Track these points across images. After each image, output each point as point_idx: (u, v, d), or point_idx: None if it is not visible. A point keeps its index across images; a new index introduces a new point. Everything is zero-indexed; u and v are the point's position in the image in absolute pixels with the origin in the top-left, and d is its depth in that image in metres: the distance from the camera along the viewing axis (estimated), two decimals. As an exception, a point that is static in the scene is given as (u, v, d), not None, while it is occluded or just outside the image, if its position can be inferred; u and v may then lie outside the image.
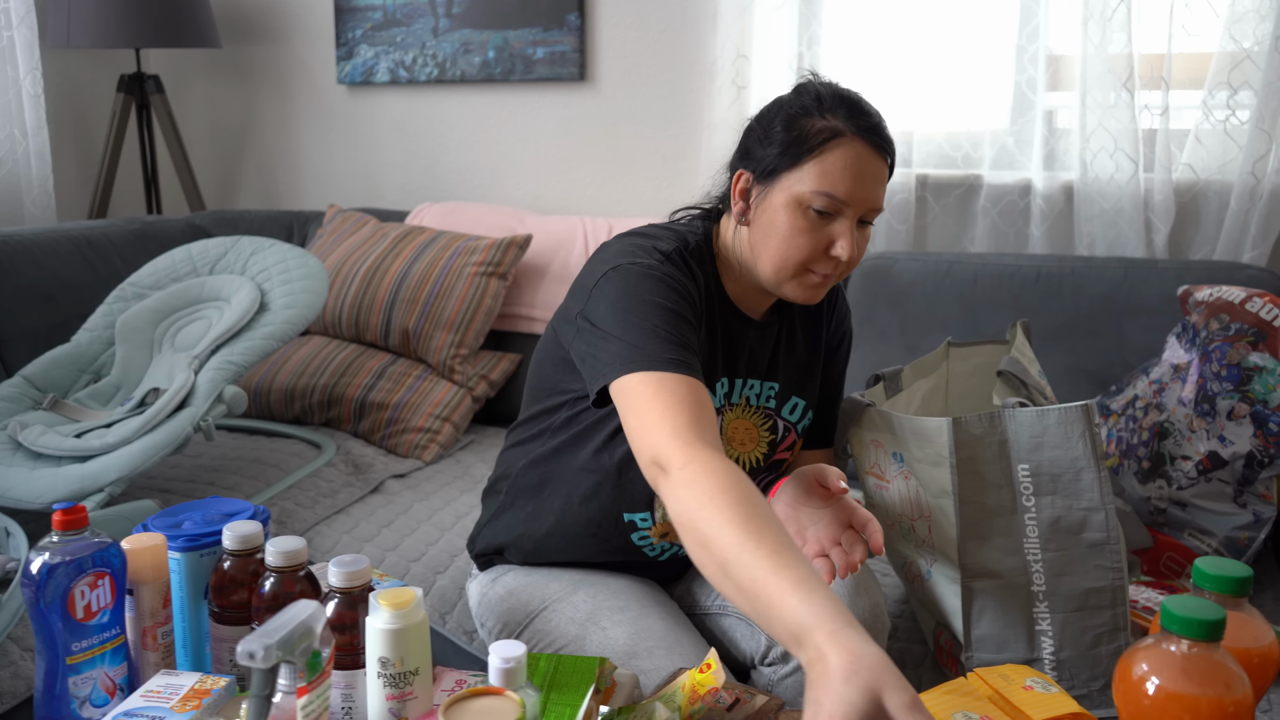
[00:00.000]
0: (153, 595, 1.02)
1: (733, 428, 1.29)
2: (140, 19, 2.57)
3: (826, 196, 1.15)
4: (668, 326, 1.10)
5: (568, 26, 2.52)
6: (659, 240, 1.21)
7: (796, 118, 1.17)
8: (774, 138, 1.18)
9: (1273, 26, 1.86)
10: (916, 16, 2.15)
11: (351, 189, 2.91)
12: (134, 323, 1.89)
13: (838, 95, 1.18)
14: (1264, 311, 1.52)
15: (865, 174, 1.15)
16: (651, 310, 1.11)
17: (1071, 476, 1.21)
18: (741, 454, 1.30)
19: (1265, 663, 0.80)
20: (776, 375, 1.32)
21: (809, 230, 1.16)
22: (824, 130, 1.15)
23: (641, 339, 1.08)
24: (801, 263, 1.18)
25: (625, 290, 1.13)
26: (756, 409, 1.31)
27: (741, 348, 1.28)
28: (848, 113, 1.16)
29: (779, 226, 1.17)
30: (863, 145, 1.15)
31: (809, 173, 1.15)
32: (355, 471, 1.95)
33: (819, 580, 0.84)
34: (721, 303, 1.26)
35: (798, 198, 1.16)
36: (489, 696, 0.81)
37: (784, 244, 1.17)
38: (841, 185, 1.15)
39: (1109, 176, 2.02)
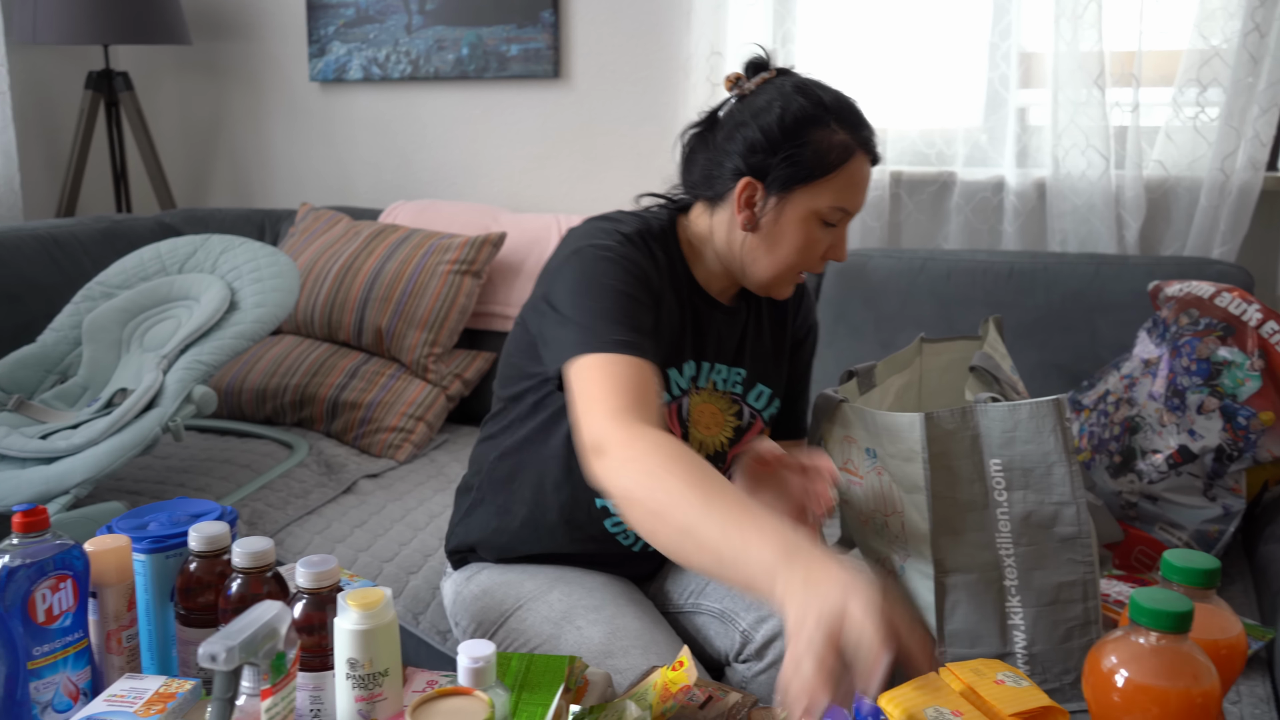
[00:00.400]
0: (117, 598, 1.01)
1: (699, 411, 1.29)
2: (108, 15, 2.54)
3: (841, 211, 1.21)
4: (619, 308, 1.12)
5: (542, 23, 2.51)
6: (621, 223, 1.23)
7: (809, 128, 1.18)
8: (785, 151, 1.18)
9: (1241, 24, 1.88)
10: (890, 14, 2.16)
11: (324, 187, 2.89)
12: (101, 322, 1.87)
13: (843, 104, 1.21)
14: (1233, 306, 1.53)
15: (865, 182, 1.23)
16: (605, 293, 1.13)
17: (1043, 471, 1.21)
18: (706, 438, 1.30)
19: (1233, 654, 0.80)
20: (744, 361, 1.33)
21: (818, 240, 1.22)
22: (840, 148, 1.18)
23: (592, 321, 1.11)
24: (801, 267, 1.24)
25: (583, 273, 1.15)
26: (723, 394, 1.32)
27: (710, 331, 1.29)
28: (854, 126, 1.20)
29: (793, 238, 1.21)
30: (865, 159, 1.21)
31: (827, 189, 1.19)
32: (328, 472, 1.94)
33: (779, 523, 0.88)
34: (690, 285, 1.27)
35: (815, 212, 1.20)
36: (458, 697, 0.80)
37: (794, 253, 1.22)
38: (855, 200, 1.22)
39: (1081, 173, 2.03)
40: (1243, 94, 1.90)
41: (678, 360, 1.26)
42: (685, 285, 1.27)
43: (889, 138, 2.21)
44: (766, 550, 0.86)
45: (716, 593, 1.28)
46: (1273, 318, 1.49)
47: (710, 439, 1.31)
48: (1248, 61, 1.88)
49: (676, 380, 1.27)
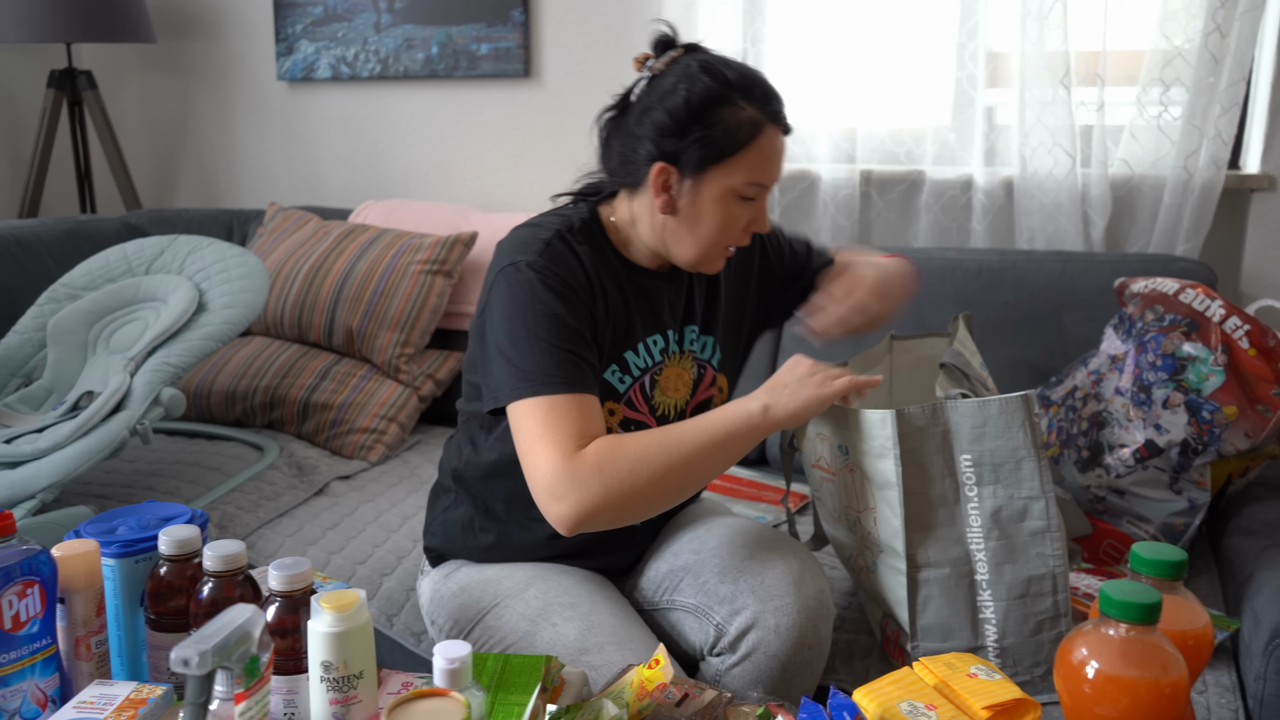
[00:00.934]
0: (85, 603, 1.00)
1: (666, 376, 1.32)
2: (70, 13, 2.50)
3: (757, 186, 1.23)
4: (550, 338, 1.16)
5: (512, 22, 2.50)
6: (541, 228, 1.25)
7: (715, 108, 1.19)
8: (695, 134, 1.19)
9: (1202, 24, 1.91)
10: (859, 14, 2.17)
11: (293, 187, 2.86)
12: (67, 324, 1.84)
13: (748, 80, 1.22)
14: (1196, 302, 1.55)
15: (779, 156, 1.25)
16: (534, 323, 1.17)
17: (1012, 466, 1.23)
18: (672, 401, 1.33)
19: (1200, 644, 0.81)
20: (694, 318, 1.36)
21: (738, 216, 1.24)
22: (748, 124, 1.20)
23: (524, 360, 1.15)
24: (725, 244, 1.26)
25: (511, 302, 1.19)
26: (685, 354, 1.35)
27: (660, 302, 1.32)
28: (761, 100, 1.21)
29: (711, 217, 1.23)
30: (777, 131, 1.23)
31: (739, 166, 1.21)
32: (299, 474, 1.92)
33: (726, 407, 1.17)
34: (626, 268, 1.29)
35: (730, 190, 1.21)
36: (434, 698, 0.80)
37: (715, 231, 1.23)
38: (769, 173, 1.23)
39: (1048, 172, 2.05)
40: (1205, 93, 1.93)
41: (631, 342, 1.28)
42: (621, 269, 1.29)
43: (859, 137, 2.22)
44: (736, 408, 1.17)
45: (690, 589, 1.28)
46: (1235, 313, 1.52)
47: (676, 401, 1.34)
48: (1209, 61, 1.91)
49: (635, 362, 1.29)
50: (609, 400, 1.27)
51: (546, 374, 1.14)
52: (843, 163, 2.22)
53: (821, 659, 1.22)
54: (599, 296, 1.24)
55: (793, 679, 1.19)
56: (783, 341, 2.07)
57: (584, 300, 1.21)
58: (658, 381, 1.31)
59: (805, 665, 1.19)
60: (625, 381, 1.28)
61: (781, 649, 1.18)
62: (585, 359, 1.18)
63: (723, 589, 1.23)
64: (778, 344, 2.07)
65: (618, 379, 1.28)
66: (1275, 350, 1.49)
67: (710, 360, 1.38)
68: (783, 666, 1.18)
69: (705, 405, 1.37)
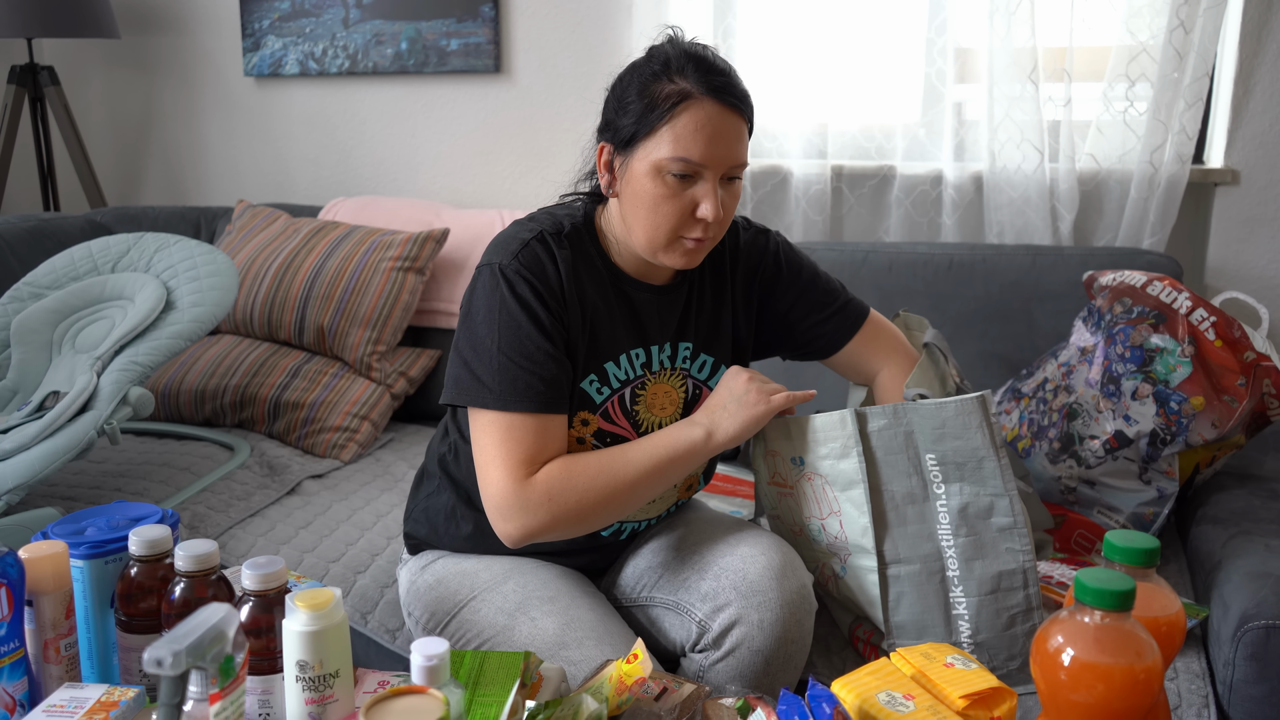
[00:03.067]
0: (54, 606, 0.98)
1: (652, 393, 1.30)
2: (31, 7, 2.46)
3: (682, 161, 1.15)
4: (512, 352, 1.17)
5: (482, 18, 2.49)
6: (528, 228, 1.23)
7: (648, 83, 1.17)
8: (628, 106, 1.19)
9: (1166, 20, 1.93)
10: (830, 10, 2.18)
11: (261, 184, 2.83)
12: (31, 324, 1.81)
13: (686, 54, 1.18)
14: (1164, 295, 1.57)
15: (719, 133, 1.16)
16: (501, 332, 1.18)
17: (974, 465, 1.24)
18: (660, 418, 1.31)
19: (1173, 631, 0.82)
20: (689, 335, 1.33)
21: (672, 196, 1.17)
22: (673, 94, 1.15)
23: (484, 370, 1.18)
24: (672, 229, 1.19)
25: (482, 305, 1.20)
26: (675, 371, 1.32)
27: (649, 315, 1.29)
28: (696, 72, 1.16)
29: (643, 195, 1.18)
30: (713, 104, 1.15)
31: (664, 139, 1.15)
32: (270, 473, 1.90)
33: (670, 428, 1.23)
34: (612, 275, 1.27)
35: (656, 165, 1.16)
36: (412, 696, 0.79)
37: (651, 213, 1.18)
38: (695, 148, 1.15)
39: (1016, 166, 2.07)
40: (1169, 89, 1.96)
41: (613, 353, 1.26)
42: (607, 277, 1.26)
43: (830, 132, 2.23)
44: (678, 432, 1.22)
45: (669, 585, 1.28)
46: (1201, 305, 1.54)
47: (663, 419, 1.31)
48: (1173, 57, 1.94)
49: (615, 374, 1.26)
50: (584, 410, 1.25)
51: (502, 391, 1.16)
52: (814, 158, 2.23)
53: (804, 652, 1.22)
54: (575, 304, 1.21)
55: (776, 673, 1.19)
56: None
57: (555, 308, 1.20)
58: (641, 396, 1.28)
59: (789, 659, 1.20)
60: (603, 393, 1.26)
61: (765, 644, 1.18)
62: (546, 376, 1.17)
63: (704, 585, 1.23)
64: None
65: (595, 389, 1.25)
66: (1241, 341, 1.51)
67: (708, 382, 1.34)
68: (766, 661, 1.18)
69: None
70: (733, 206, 1.22)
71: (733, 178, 1.20)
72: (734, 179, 1.21)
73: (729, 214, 1.21)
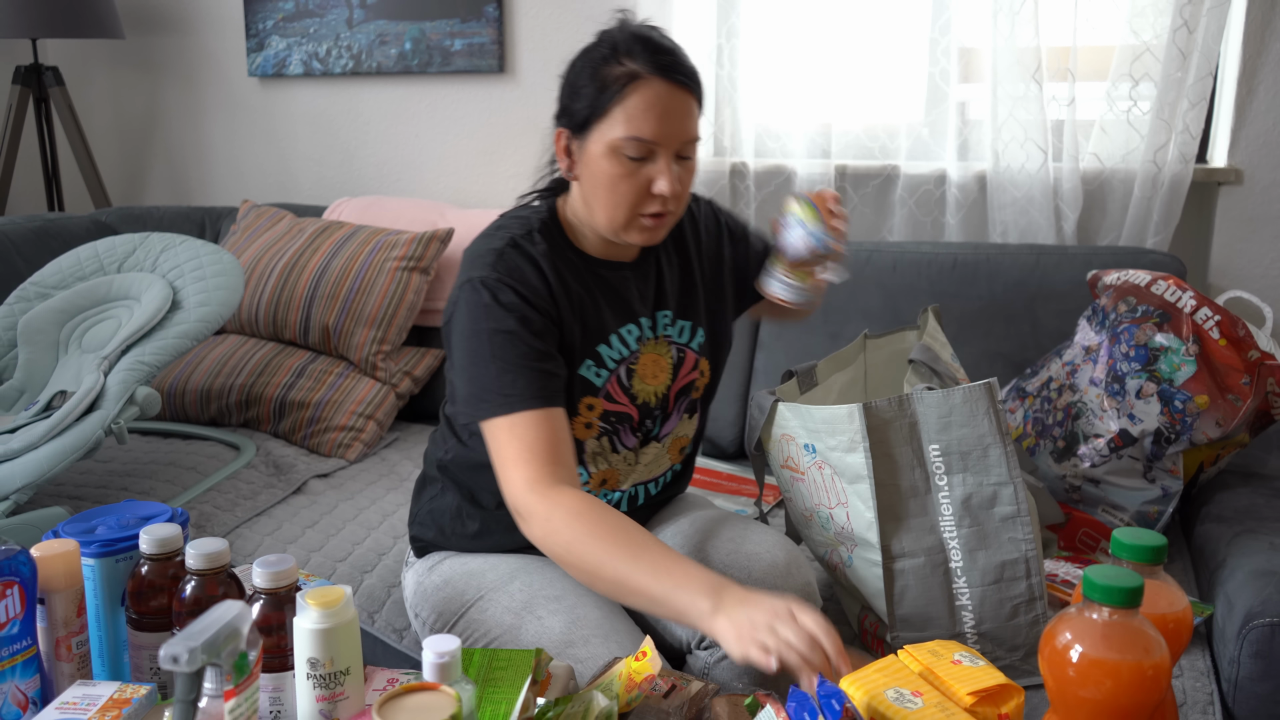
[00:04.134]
0: (66, 604, 0.98)
1: (644, 364, 1.32)
2: (37, 8, 2.47)
3: (635, 141, 1.18)
4: (507, 355, 1.18)
5: (486, 18, 2.49)
6: (497, 237, 1.25)
7: (598, 67, 1.20)
8: (581, 91, 1.21)
9: (1170, 20, 1.93)
10: (833, 10, 2.18)
11: (265, 184, 2.84)
12: (37, 324, 1.82)
13: (633, 36, 1.20)
14: (1168, 294, 1.58)
15: (669, 110, 1.19)
16: (493, 341, 1.19)
17: (980, 453, 1.24)
18: (653, 388, 1.33)
19: (1180, 627, 0.83)
20: (668, 303, 1.35)
21: (628, 175, 1.20)
22: (622, 75, 1.18)
23: (485, 379, 1.19)
24: (630, 208, 1.22)
25: (470, 320, 1.21)
26: (660, 339, 1.35)
27: (628, 292, 1.31)
28: (644, 53, 1.19)
29: (600, 177, 1.21)
30: (661, 83, 1.18)
31: (616, 120, 1.18)
32: (276, 472, 1.91)
33: (702, 568, 1.07)
34: (585, 262, 1.29)
35: (611, 145, 1.19)
36: (424, 692, 0.80)
37: (609, 193, 1.21)
38: (647, 126, 1.18)
39: (1020, 166, 2.07)
40: (1173, 88, 1.96)
41: (603, 335, 1.28)
42: (581, 265, 1.29)
43: (833, 132, 2.23)
44: (694, 585, 1.05)
45: None
46: (1206, 304, 1.54)
47: (656, 388, 1.33)
48: (1177, 57, 1.94)
49: (609, 355, 1.29)
50: (587, 395, 1.27)
51: (505, 393, 1.18)
52: (818, 158, 2.23)
53: None
54: (561, 297, 1.24)
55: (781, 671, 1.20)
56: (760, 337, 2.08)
57: (544, 305, 1.22)
58: (635, 370, 1.31)
59: None
60: (601, 375, 1.28)
61: None
62: (545, 370, 1.19)
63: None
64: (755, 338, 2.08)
65: (594, 373, 1.28)
66: (1245, 340, 1.51)
67: (690, 344, 1.37)
68: None
69: (687, 389, 1.37)
70: (689, 181, 1.25)
71: (685, 156, 1.23)
72: (686, 157, 1.24)
73: (685, 189, 1.24)
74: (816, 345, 1.98)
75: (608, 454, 1.31)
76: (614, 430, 1.30)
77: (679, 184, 1.21)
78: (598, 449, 1.31)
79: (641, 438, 1.34)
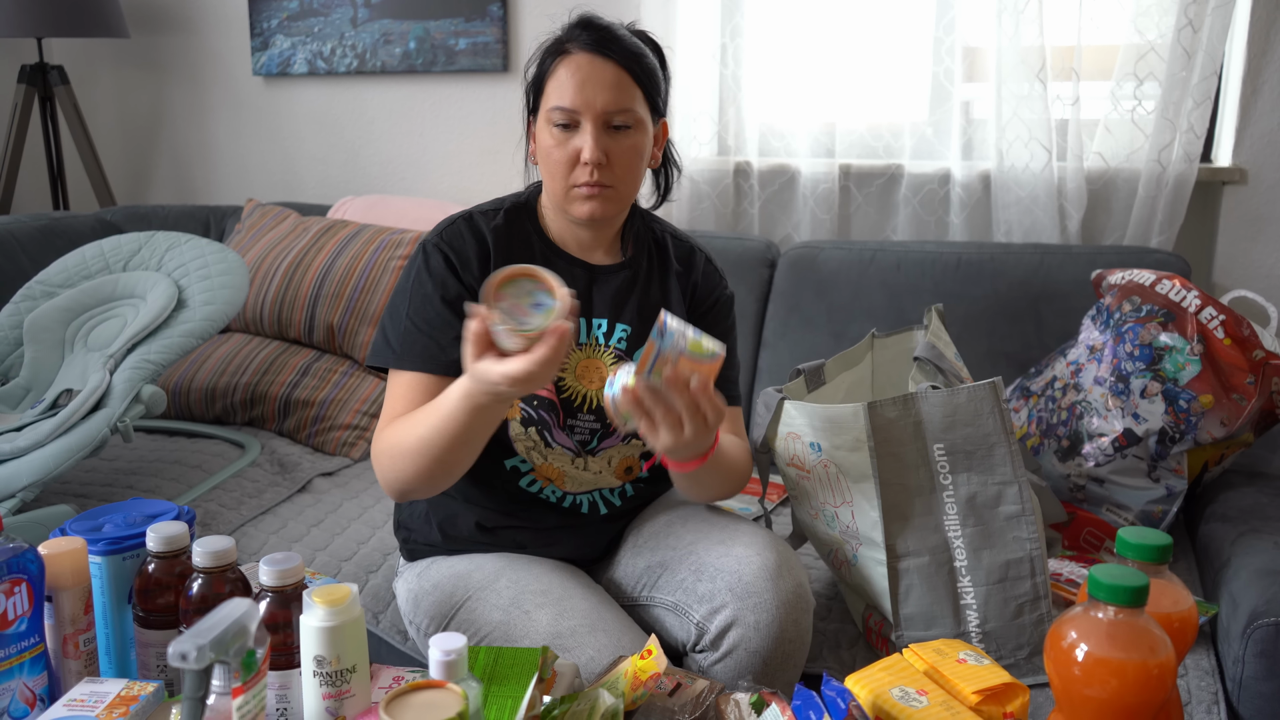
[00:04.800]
0: (73, 601, 0.99)
1: (582, 366, 1.33)
2: (42, 7, 2.47)
3: (559, 110, 1.25)
4: (417, 317, 1.27)
5: (490, 17, 2.50)
6: (463, 211, 1.35)
7: (544, 56, 1.29)
8: (530, 76, 1.31)
9: (1175, 19, 1.93)
10: (837, 10, 2.18)
11: (270, 182, 2.84)
12: (43, 322, 1.82)
13: (576, 22, 1.29)
14: (1173, 293, 1.58)
15: (590, 79, 1.24)
16: (411, 301, 1.28)
17: (985, 452, 1.24)
18: (589, 391, 1.33)
19: (1185, 627, 0.83)
20: (628, 318, 1.35)
21: (558, 145, 1.26)
22: (552, 51, 1.28)
23: (392, 333, 1.29)
24: (564, 177, 1.27)
25: (404, 278, 1.31)
26: (607, 348, 1.34)
27: (579, 291, 1.33)
28: (579, 32, 1.27)
29: (542, 152, 1.29)
30: (584, 54, 1.25)
31: (549, 94, 1.27)
32: (281, 471, 1.91)
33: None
34: (544, 247, 1.35)
35: (544, 118, 1.27)
36: (430, 690, 0.80)
37: (545, 164, 1.29)
38: (567, 95, 1.25)
39: (1024, 165, 2.07)
40: (1177, 87, 1.96)
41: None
42: (538, 247, 1.34)
43: (838, 131, 2.23)
44: (453, 390, 1.14)
45: (668, 586, 1.29)
46: (1211, 304, 1.54)
47: (593, 391, 1.33)
48: (1181, 56, 1.94)
49: None
50: None
51: (403, 352, 1.27)
52: (822, 157, 2.23)
53: (803, 651, 1.23)
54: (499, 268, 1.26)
55: (775, 672, 1.20)
56: (764, 336, 2.08)
57: (469, 280, 1.28)
58: (568, 365, 1.32)
59: (787, 658, 1.20)
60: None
61: (762, 645, 1.18)
62: (443, 343, 1.26)
63: (700, 587, 1.24)
64: (759, 337, 2.09)
65: None
66: (1250, 340, 1.51)
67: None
68: (764, 661, 1.19)
69: None
70: (627, 158, 1.27)
71: (620, 126, 1.26)
72: (623, 128, 1.26)
73: (622, 164, 1.27)
74: (821, 344, 1.98)
75: (540, 448, 1.32)
76: (539, 420, 1.30)
77: (601, 153, 1.24)
78: (529, 442, 1.31)
79: (578, 444, 1.32)
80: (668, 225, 1.45)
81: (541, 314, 1.06)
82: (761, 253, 2.12)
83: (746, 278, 2.08)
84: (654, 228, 1.43)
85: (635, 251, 1.39)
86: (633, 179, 1.31)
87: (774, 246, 2.16)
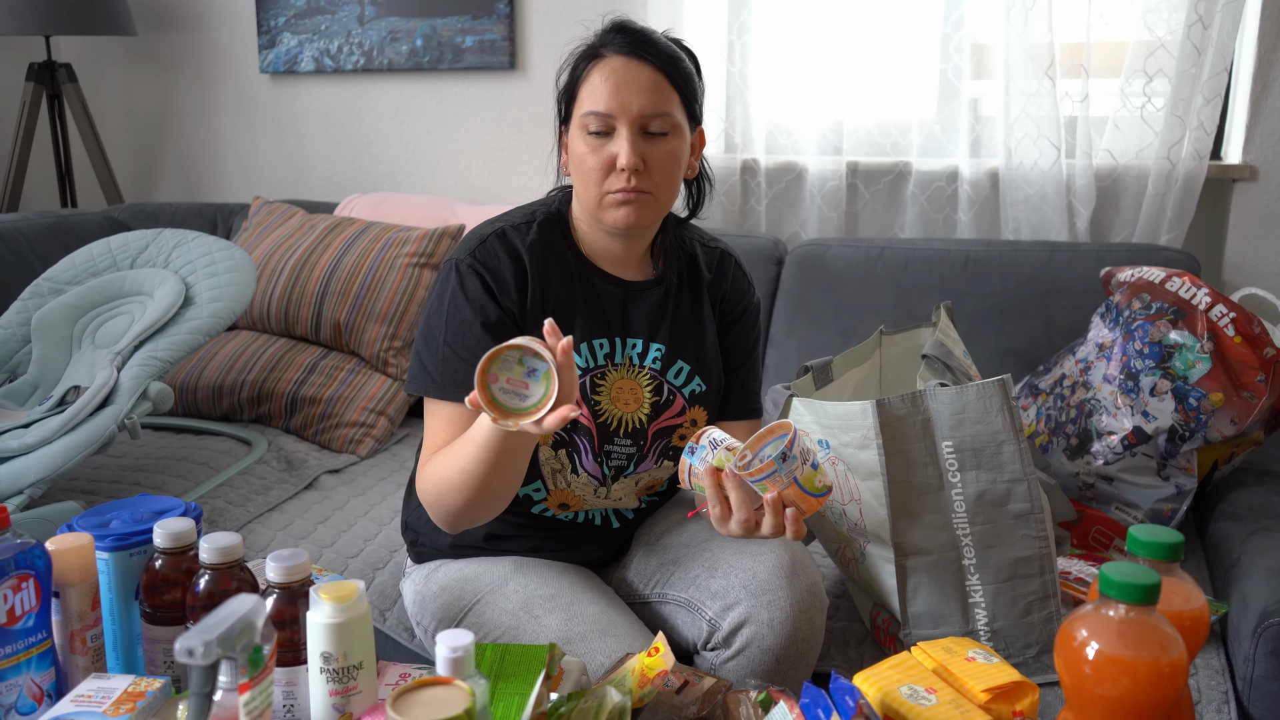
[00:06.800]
0: (80, 597, 0.99)
1: (617, 388, 1.30)
2: (49, 5, 2.48)
3: (594, 115, 1.21)
4: (456, 344, 1.23)
5: (497, 15, 2.49)
6: (492, 224, 1.28)
7: (576, 61, 1.26)
8: (562, 83, 1.28)
9: (1185, 16, 1.92)
10: (845, 7, 2.18)
11: (277, 180, 2.85)
12: (51, 319, 1.83)
13: (609, 27, 1.26)
14: (1183, 291, 1.57)
15: (625, 82, 1.20)
16: (449, 326, 1.23)
17: (993, 450, 1.24)
18: (625, 414, 1.30)
19: (1196, 625, 0.82)
20: (661, 337, 1.32)
21: (593, 151, 1.21)
22: (586, 56, 1.24)
23: (431, 360, 1.24)
24: (599, 185, 1.22)
25: (437, 300, 1.26)
26: (642, 369, 1.31)
27: (611, 307, 1.30)
28: (611, 34, 1.24)
29: (576, 159, 1.24)
30: (619, 58, 1.22)
31: (582, 100, 1.23)
32: (288, 468, 1.91)
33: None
34: (579, 265, 1.30)
35: (579, 125, 1.23)
36: (437, 687, 0.80)
37: (579, 172, 1.24)
38: (602, 99, 1.21)
39: (1033, 162, 2.06)
40: (1187, 84, 1.95)
41: (574, 340, 1.25)
42: (574, 264, 1.29)
43: (845, 129, 2.23)
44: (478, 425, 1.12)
45: (680, 583, 1.29)
46: (1221, 301, 1.53)
47: (629, 415, 1.31)
48: (1191, 53, 1.93)
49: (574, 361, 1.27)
50: None
51: (443, 381, 1.22)
52: (829, 154, 2.23)
53: (815, 650, 1.22)
54: (536, 289, 1.25)
55: (787, 671, 1.20)
56: (771, 334, 2.07)
57: (506, 302, 1.24)
58: (602, 386, 1.29)
59: (800, 657, 1.20)
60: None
61: (776, 643, 1.18)
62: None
63: (714, 584, 1.23)
64: (767, 334, 2.08)
65: None
66: (1260, 337, 1.50)
67: (682, 389, 1.33)
68: (777, 660, 1.18)
69: (667, 432, 1.32)
70: (665, 163, 1.22)
71: (657, 133, 1.21)
72: (660, 135, 1.22)
73: (659, 170, 1.22)
74: (828, 342, 1.98)
75: (566, 473, 1.29)
76: (571, 443, 1.28)
77: (638, 158, 1.20)
78: (556, 465, 1.29)
79: (611, 471, 1.30)
80: (695, 230, 1.42)
81: (540, 379, 1.03)
82: (769, 250, 2.12)
83: (754, 275, 2.05)
84: (684, 237, 1.39)
85: (667, 266, 1.34)
86: (670, 186, 1.26)
87: (781, 244, 2.16)
